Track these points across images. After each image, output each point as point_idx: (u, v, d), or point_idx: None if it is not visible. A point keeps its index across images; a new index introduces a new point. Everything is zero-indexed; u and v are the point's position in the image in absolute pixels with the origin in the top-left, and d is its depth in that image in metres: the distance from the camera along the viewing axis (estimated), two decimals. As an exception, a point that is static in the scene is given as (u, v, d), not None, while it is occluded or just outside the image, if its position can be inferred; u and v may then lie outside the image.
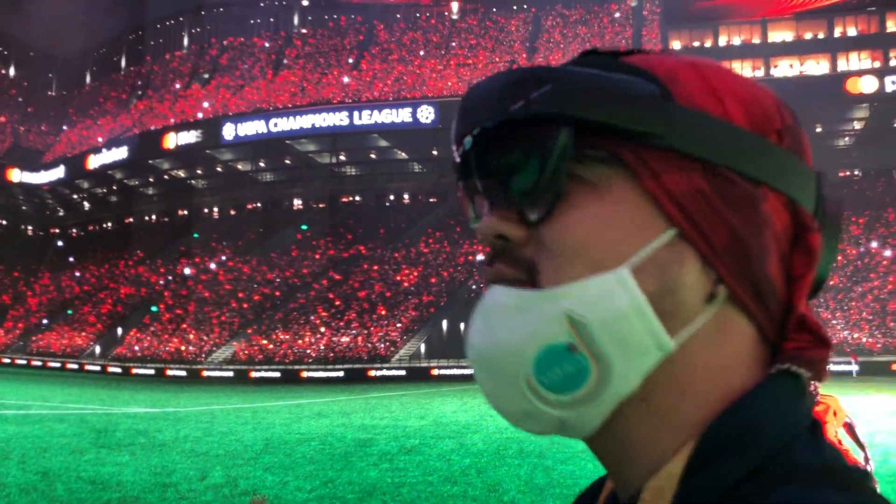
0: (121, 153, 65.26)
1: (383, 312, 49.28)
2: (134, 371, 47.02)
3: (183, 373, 45.42)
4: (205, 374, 44.70)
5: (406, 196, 64.88)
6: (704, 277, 0.48)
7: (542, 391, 0.48)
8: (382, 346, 45.91)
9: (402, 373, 41.82)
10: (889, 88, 49.08)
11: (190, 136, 61.26)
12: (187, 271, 59.48)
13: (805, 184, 0.51)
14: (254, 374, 43.51)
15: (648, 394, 0.49)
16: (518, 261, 0.50)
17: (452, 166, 0.54)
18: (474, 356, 0.51)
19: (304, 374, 42.83)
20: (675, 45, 57.63)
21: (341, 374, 42.46)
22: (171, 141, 62.03)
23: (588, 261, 0.48)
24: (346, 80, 68.01)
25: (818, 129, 56.27)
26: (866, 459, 4.07)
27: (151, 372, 46.41)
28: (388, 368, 42.72)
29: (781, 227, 0.50)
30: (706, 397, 0.49)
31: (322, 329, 48.73)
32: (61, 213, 78.55)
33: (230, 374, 44.09)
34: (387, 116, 56.19)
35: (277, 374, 43.41)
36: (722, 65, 0.52)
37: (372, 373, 42.19)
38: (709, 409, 0.48)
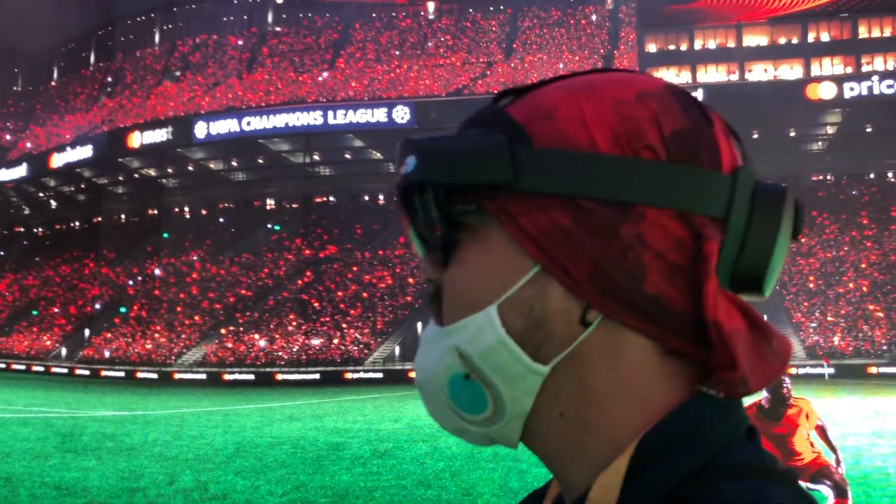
0: (86, 152, 64.19)
1: (357, 314, 48.94)
2: (104, 373, 46.09)
3: (154, 375, 44.62)
4: (177, 376, 43.95)
5: (381, 197, 64.50)
6: (574, 305, 0.52)
7: (460, 412, 0.56)
8: (356, 348, 45.59)
9: (379, 375, 41.45)
10: (847, 95, 49.91)
11: (159, 135, 60.39)
12: (157, 272, 58.68)
13: (700, 189, 0.52)
14: (227, 377, 42.81)
15: (562, 410, 0.54)
16: (439, 300, 0.58)
17: None
18: (416, 382, 0.59)
19: (279, 377, 42.24)
20: (651, 48, 57.95)
21: (317, 376, 41.96)
22: (136, 140, 61.12)
23: (468, 304, 0.55)
24: (320, 79, 67.62)
25: (792, 134, 56.98)
26: (837, 462, 5.04)
27: (121, 374, 45.52)
28: (365, 371, 42.32)
29: (671, 240, 0.52)
30: (622, 409, 0.53)
31: (295, 331, 48.27)
32: (27, 212, 77.14)
33: (203, 376, 43.37)
34: (362, 116, 55.89)
35: (251, 377, 42.75)
36: (613, 86, 0.55)
37: (348, 375, 41.75)
38: (634, 419, 0.53)
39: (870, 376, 36.50)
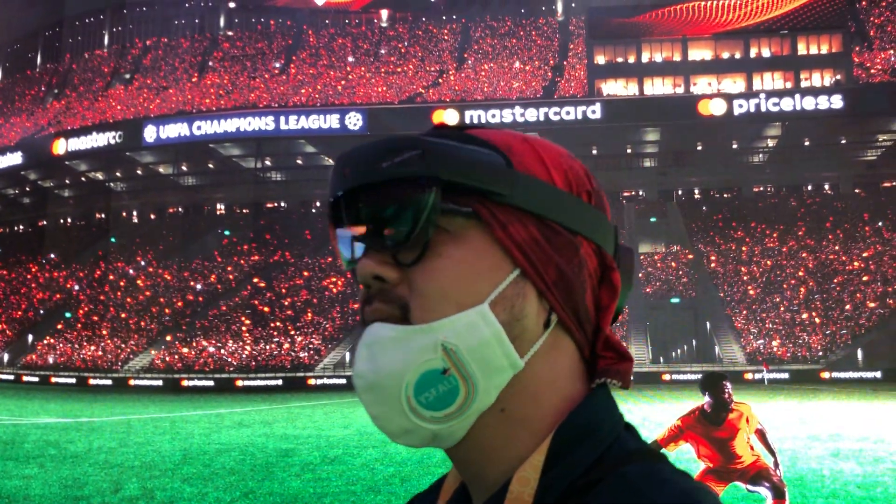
0: (15, 158, 63.01)
1: (308, 320, 48.83)
2: (54, 380, 44.82)
3: (108, 381, 43.58)
4: (132, 382, 43.04)
5: (333, 203, 64.48)
6: (541, 307, 0.62)
7: (420, 410, 0.60)
8: (306, 354, 45.48)
9: (342, 381, 41.43)
10: (736, 112, 51.87)
11: (107, 138, 59.36)
12: (104, 276, 57.68)
13: (607, 234, 0.66)
14: (186, 383, 42.01)
15: (505, 404, 0.61)
16: (393, 299, 0.61)
17: (328, 214, 0.65)
18: (362, 384, 0.61)
19: (240, 383, 41.61)
20: (600, 59, 59.01)
21: (280, 382, 41.58)
22: (61, 147, 60.21)
23: (454, 300, 0.60)
24: (273, 84, 67.33)
25: (734, 146, 58.62)
26: (776, 464, 5.26)
27: (73, 381, 44.19)
28: (328, 377, 42.23)
29: (592, 267, 0.65)
30: (550, 404, 0.62)
31: (245, 337, 47.95)
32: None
33: (159, 382, 42.58)
34: (314, 122, 55.85)
35: (211, 383, 42.00)
36: (546, 142, 0.67)
37: (312, 381, 41.59)
38: (553, 413, 0.62)
39: (823, 381, 37.89)
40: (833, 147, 56.91)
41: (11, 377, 46.93)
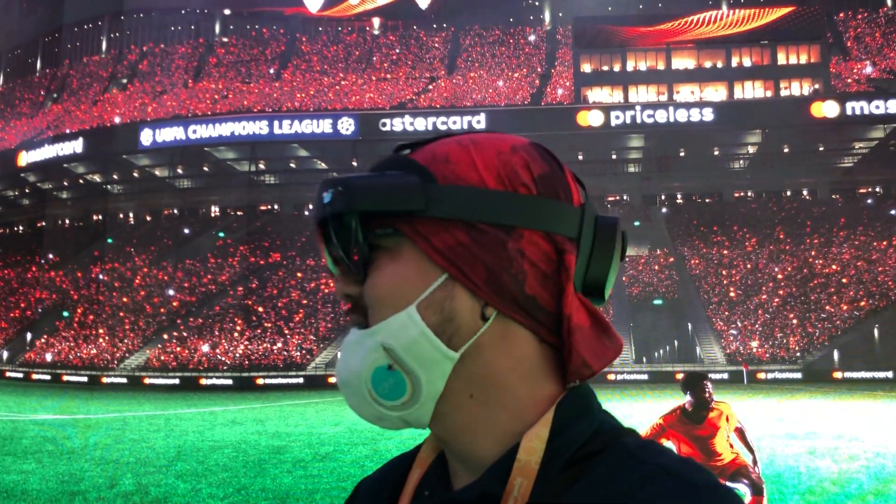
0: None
1: (299, 320, 49.54)
2: (65, 378, 44.91)
3: (123, 380, 43.97)
4: (147, 381, 43.36)
5: (325, 206, 65.20)
6: (475, 303, 0.69)
7: (381, 400, 0.69)
8: (298, 353, 46.22)
9: None
10: (613, 123, 53.33)
11: (107, 141, 60.14)
12: (101, 276, 58.35)
13: (560, 217, 0.70)
14: (204, 381, 42.37)
15: (470, 391, 0.70)
16: (360, 310, 0.72)
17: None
18: (338, 380, 0.73)
19: (260, 381, 41.99)
20: (586, 68, 59.98)
21: (301, 380, 42.11)
22: (23, 159, 60.77)
23: (390, 306, 0.69)
24: (267, 89, 68.09)
25: (716, 153, 59.66)
26: (755, 462, 6.53)
27: (84, 379, 44.43)
28: None
29: (541, 253, 0.69)
30: (522, 387, 0.70)
31: (237, 336, 48.64)
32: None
33: (176, 381, 42.90)
34: (307, 127, 56.38)
35: (229, 382, 42.40)
36: (492, 141, 0.73)
37: (332, 379, 42.29)
38: (531, 394, 0.70)
39: (835, 381, 38.65)
40: (811, 154, 57.90)
41: (20, 375, 47.20)
